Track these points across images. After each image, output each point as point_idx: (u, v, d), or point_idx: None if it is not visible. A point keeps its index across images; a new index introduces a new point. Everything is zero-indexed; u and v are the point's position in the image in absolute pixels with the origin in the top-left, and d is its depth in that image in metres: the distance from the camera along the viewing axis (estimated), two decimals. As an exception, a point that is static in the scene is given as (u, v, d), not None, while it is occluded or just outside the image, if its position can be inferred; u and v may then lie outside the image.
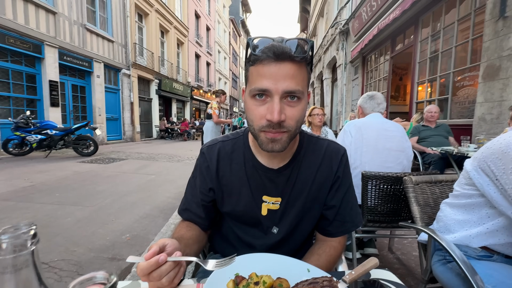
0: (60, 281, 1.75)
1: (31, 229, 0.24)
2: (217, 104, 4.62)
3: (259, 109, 0.63)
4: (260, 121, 0.63)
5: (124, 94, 12.07)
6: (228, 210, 0.79)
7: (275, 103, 0.59)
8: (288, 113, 0.62)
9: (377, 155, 1.82)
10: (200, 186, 0.79)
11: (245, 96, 0.68)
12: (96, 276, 0.17)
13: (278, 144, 0.64)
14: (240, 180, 0.76)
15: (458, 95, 4.99)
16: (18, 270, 0.22)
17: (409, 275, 1.90)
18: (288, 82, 0.59)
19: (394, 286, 0.61)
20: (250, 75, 0.64)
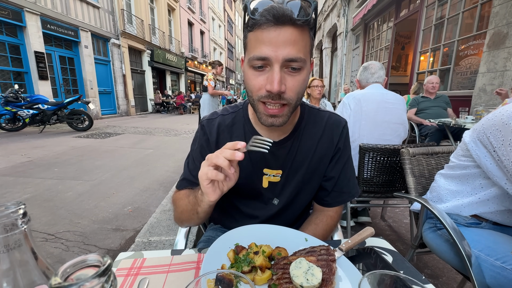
0: (67, 251, 1.83)
1: (19, 208, 0.23)
2: (213, 75, 4.47)
3: (258, 79, 0.60)
4: (259, 92, 0.61)
5: (115, 66, 11.58)
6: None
7: (275, 72, 0.56)
8: (288, 83, 0.59)
9: (376, 128, 1.81)
10: (200, 160, 0.77)
11: (244, 66, 0.64)
12: (87, 259, 0.16)
13: (278, 119, 0.63)
14: None
15: (461, 65, 4.86)
16: (11, 249, 0.22)
17: (399, 240, 2.02)
18: (289, 48, 0.55)
19: (387, 252, 0.64)
20: (248, 42, 0.60)
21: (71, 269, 0.16)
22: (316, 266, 0.48)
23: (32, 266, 0.24)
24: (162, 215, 2.06)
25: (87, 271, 0.16)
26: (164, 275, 0.55)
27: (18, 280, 0.23)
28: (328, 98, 12.34)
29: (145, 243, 1.67)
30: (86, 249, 1.86)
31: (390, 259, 0.61)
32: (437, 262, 1.73)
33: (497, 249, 0.84)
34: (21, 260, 0.23)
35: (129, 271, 0.56)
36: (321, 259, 0.51)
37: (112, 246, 1.90)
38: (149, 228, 1.86)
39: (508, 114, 0.83)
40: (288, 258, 0.53)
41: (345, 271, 0.52)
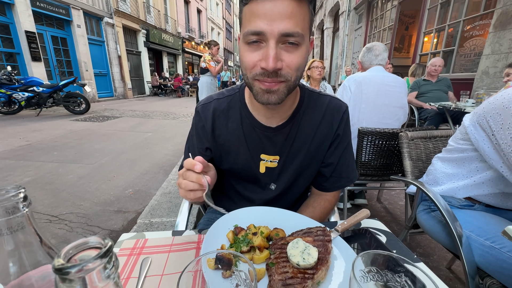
0: (71, 232, 1.89)
1: (19, 192, 0.23)
2: (210, 56, 4.34)
3: (252, 56, 0.56)
4: (253, 69, 0.57)
5: (110, 47, 11.22)
6: (227, 168, 0.79)
7: (270, 48, 0.53)
8: (286, 59, 0.55)
9: (375, 111, 1.80)
10: (197, 145, 0.78)
11: (239, 43, 0.61)
12: (89, 241, 0.17)
13: (274, 95, 0.59)
14: (237, 139, 0.75)
15: (465, 47, 4.74)
16: (15, 231, 0.22)
17: (393, 221, 2.08)
18: (286, 22, 0.51)
19: (381, 233, 0.66)
20: (243, 17, 0.56)
21: (73, 251, 0.16)
22: (312, 246, 0.50)
23: (36, 247, 0.24)
24: (162, 197, 2.10)
25: (89, 252, 0.16)
26: (166, 254, 0.57)
27: (23, 260, 0.23)
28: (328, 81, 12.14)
29: (147, 224, 1.71)
30: (90, 230, 1.91)
31: (384, 239, 0.63)
32: (429, 242, 1.79)
33: (487, 230, 0.87)
34: (25, 242, 0.24)
35: (131, 251, 0.58)
36: (317, 240, 0.53)
37: (115, 227, 1.96)
38: (150, 210, 1.90)
39: (510, 98, 0.82)
40: (285, 239, 0.55)
41: (341, 250, 0.54)
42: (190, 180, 0.55)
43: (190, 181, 0.55)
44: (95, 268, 0.15)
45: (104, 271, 0.16)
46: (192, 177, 0.55)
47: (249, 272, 0.35)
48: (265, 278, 0.48)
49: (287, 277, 0.45)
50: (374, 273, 0.34)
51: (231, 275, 0.41)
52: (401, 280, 0.33)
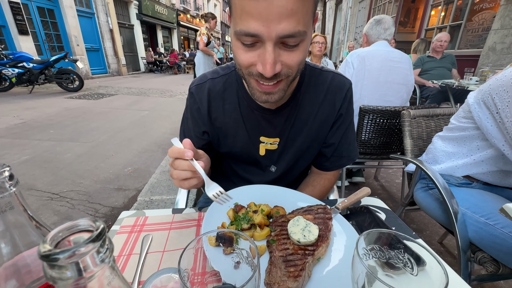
0: (73, 209, 1.92)
1: (3, 171, 0.21)
2: (206, 30, 4.12)
3: (247, 56, 0.49)
4: (249, 69, 0.52)
5: (101, 19, 10.64)
6: (226, 151, 0.77)
7: (267, 52, 0.46)
8: (286, 59, 0.49)
9: (378, 88, 1.75)
10: (193, 129, 0.74)
11: (230, 31, 0.52)
12: (78, 224, 0.15)
13: (274, 96, 0.55)
14: (235, 122, 0.71)
15: (473, 21, 4.54)
16: (3, 212, 0.21)
17: (389, 199, 2.13)
18: (286, 23, 0.43)
19: (381, 210, 0.66)
20: (233, 7, 0.47)
21: (62, 234, 0.15)
22: (313, 224, 0.50)
23: (29, 227, 0.23)
24: (161, 175, 2.11)
25: (80, 236, 0.15)
26: (167, 232, 0.57)
27: (16, 241, 0.23)
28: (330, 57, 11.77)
29: (147, 202, 1.74)
30: (92, 207, 1.95)
31: (383, 216, 0.64)
32: (423, 218, 1.85)
33: (483, 207, 0.88)
34: (15, 222, 0.22)
35: (132, 228, 0.58)
36: (318, 217, 0.53)
37: (116, 205, 1.99)
38: (150, 188, 1.92)
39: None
40: (286, 216, 0.55)
41: (341, 228, 0.54)
42: (182, 169, 0.50)
43: (181, 170, 0.50)
44: (88, 252, 0.14)
45: (97, 256, 0.14)
46: (183, 166, 0.50)
47: (251, 249, 0.34)
48: (265, 255, 0.48)
49: (287, 254, 0.45)
50: (377, 250, 0.34)
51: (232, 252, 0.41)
52: (403, 257, 0.33)
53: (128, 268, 0.47)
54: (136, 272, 0.46)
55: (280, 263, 0.44)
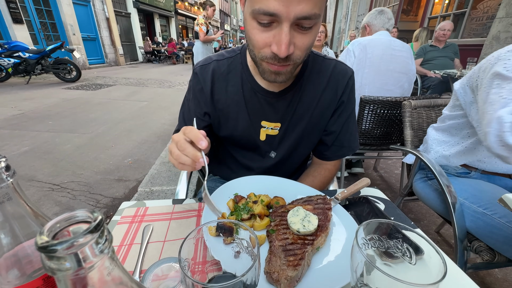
0: (74, 199, 1.93)
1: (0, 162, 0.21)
2: (203, 19, 4.01)
3: (262, 36, 0.51)
4: (263, 50, 0.53)
5: (97, 8, 10.38)
6: (226, 135, 0.76)
7: (283, 32, 0.47)
8: (298, 42, 0.50)
9: (379, 76, 1.74)
10: (195, 110, 0.73)
11: (245, 11, 0.53)
12: (76, 215, 0.15)
13: (281, 76, 0.57)
14: (237, 105, 0.71)
15: (478, 9, 4.43)
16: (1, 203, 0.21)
17: (388, 189, 2.15)
18: (304, 4, 0.45)
19: (380, 201, 0.67)
20: None
21: (61, 225, 0.15)
22: (312, 214, 0.50)
23: (28, 218, 0.23)
24: (161, 166, 2.12)
25: (78, 227, 0.15)
26: (167, 222, 0.57)
27: (15, 231, 0.23)
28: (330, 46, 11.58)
29: (148, 193, 1.75)
30: (93, 198, 1.96)
31: (383, 206, 0.64)
32: (420, 208, 1.87)
33: (482, 197, 0.89)
34: (14, 213, 0.22)
35: (133, 218, 0.58)
36: (317, 208, 0.54)
37: (117, 195, 2.00)
38: (150, 178, 1.93)
39: (497, 54, 0.80)
40: (285, 207, 0.55)
41: (340, 218, 0.55)
42: (185, 154, 0.47)
43: (184, 154, 0.48)
44: (87, 243, 0.14)
45: (96, 246, 0.14)
46: (189, 152, 0.47)
47: (251, 239, 0.35)
48: (265, 244, 0.49)
49: (287, 243, 0.45)
50: (376, 240, 0.35)
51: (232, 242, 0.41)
52: (402, 247, 0.34)
53: (129, 258, 0.48)
54: (137, 262, 0.46)
55: (279, 252, 0.44)
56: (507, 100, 0.73)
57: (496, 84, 0.77)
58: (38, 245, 0.12)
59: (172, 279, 0.40)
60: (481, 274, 1.34)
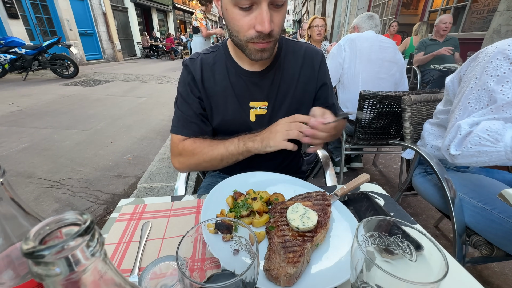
0: (74, 196, 1.93)
1: (-11, 161, 0.20)
2: (202, 13, 3.94)
3: (245, 20, 0.58)
4: (248, 32, 0.60)
5: (93, 2, 10.23)
6: (218, 122, 0.78)
7: (264, 11, 0.55)
8: (275, 19, 0.59)
9: (370, 65, 1.79)
10: (190, 96, 0.76)
11: (223, 3, 0.61)
12: (64, 217, 0.14)
13: (266, 53, 0.64)
14: (225, 90, 0.75)
15: (479, 2, 4.38)
16: (-9, 204, 0.20)
17: (387, 184, 2.15)
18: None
19: (380, 196, 0.66)
20: None
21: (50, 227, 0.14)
22: (312, 210, 0.50)
23: (20, 218, 0.23)
24: (161, 162, 2.11)
25: (68, 229, 0.14)
26: (166, 219, 0.57)
27: (7, 232, 0.22)
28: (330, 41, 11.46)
29: (147, 189, 1.75)
30: (92, 194, 1.96)
31: (382, 202, 0.64)
32: (419, 203, 1.88)
33: (481, 192, 0.89)
34: (5, 213, 0.22)
35: (131, 216, 0.58)
36: (317, 204, 0.53)
37: (116, 192, 2.00)
38: (149, 175, 1.93)
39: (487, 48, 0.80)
40: (285, 203, 0.55)
41: (340, 214, 0.55)
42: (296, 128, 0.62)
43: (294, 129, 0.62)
44: (78, 246, 0.13)
45: (87, 249, 0.14)
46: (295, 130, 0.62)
47: (249, 236, 0.34)
48: (264, 241, 0.49)
49: (286, 240, 0.45)
50: (376, 237, 0.34)
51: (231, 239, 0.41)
52: (402, 243, 0.33)
53: (128, 255, 0.47)
54: (136, 259, 0.46)
55: (279, 249, 0.44)
56: (472, 110, 0.77)
57: (470, 87, 0.79)
58: (23, 251, 0.12)
59: (170, 277, 0.40)
60: (479, 267, 1.35)
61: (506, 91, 0.71)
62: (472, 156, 0.74)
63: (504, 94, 0.71)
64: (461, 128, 0.76)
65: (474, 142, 0.72)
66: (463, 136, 0.75)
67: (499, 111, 0.72)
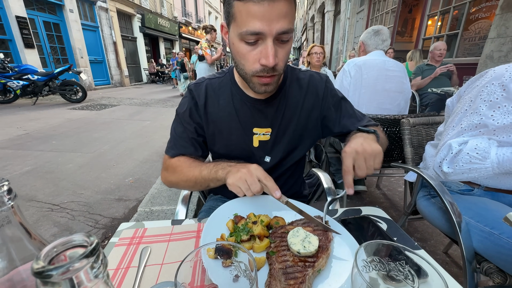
0: (73, 220, 1.90)
1: (3, 184, 0.21)
2: (207, 42, 4.19)
3: (251, 54, 0.60)
4: (253, 66, 0.61)
5: (105, 33, 10.90)
6: (221, 147, 0.80)
7: (269, 46, 0.57)
8: (280, 55, 0.60)
9: (375, 96, 1.77)
10: (189, 121, 0.78)
11: (230, 37, 0.63)
12: (73, 239, 0.15)
13: (270, 87, 0.66)
14: (229, 115, 0.77)
15: (470, 30, 4.60)
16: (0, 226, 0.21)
17: (392, 207, 2.10)
18: (282, 22, 0.55)
19: (382, 220, 0.65)
20: (237, 13, 0.56)
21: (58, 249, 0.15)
22: (313, 235, 0.49)
23: (26, 241, 0.23)
24: (162, 185, 2.10)
25: (74, 251, 0.15)
26: (165, 244, 0.56)
27: (12, 255, 0.23)
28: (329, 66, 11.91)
29: (147, 213, 1.73)
30: (92, 218, 1.93)
31: (385, 226, 0.63)
32: (427, 227, 1.82)
33: (487, 216, 0.87)
34: (12, 237, 0.22)
35: (131, 240, 0.57)
36: (317, 228, 0.53)
37: (116, 215, 1.97)
38: (150, 198, 1.91)
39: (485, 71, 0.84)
40: (285, 227, 0.54)
41: (342, 238, 0.54)
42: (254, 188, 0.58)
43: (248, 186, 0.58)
44: (82, 268, 0.14)
45: (91, 271, 0.14)
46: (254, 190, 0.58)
47: (249, 262, 0.34)
48: (265, 267, 0.47)
49: (287, 266, 0.44)
50: (377, 262, 0.34)
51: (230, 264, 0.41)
52: (404, 269, 0.33)
53: (125, 282, 0.46)
54: (134, 286, 0.45)
55: (280, 275, 0.43)
56: (462, 131, 0.80)
57: (465, 109, 0.81)
58: (34, 270, 0.13)
59: (168, 305, 0.39)
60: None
61: (497, 116, 0.73)
62: (464, 173, 0.77)
63: (494, 120, 0.73)
64: (452, 147, 0.78)
65: (465, 160, 0.74)
66: (454, 155, 0.78)
67: (490, 135, 0.74)
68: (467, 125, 0.79)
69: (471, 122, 0.78)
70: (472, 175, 0.75)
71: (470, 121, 0.79)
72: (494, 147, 0.70)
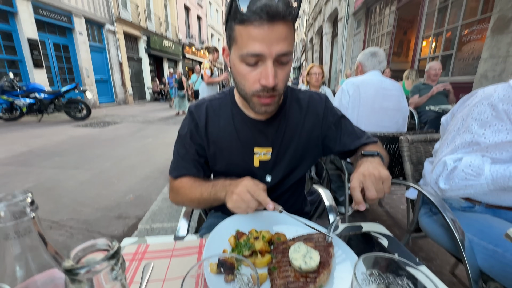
0: (72, 238, 1.88)
1: (27, 197, 0.23)
2: (209, 63, 4.36)
3: (251, 74, 0.62)
4: (253, 86, 0.63)
5: (111, 54, 11.34)
6: (221, 166, 0.81)
7: (268, 67, 0.59)
8: (279, 76, 0.62)
9: (374, 114, 1.81)
10: (190, 143, 0.79)
11: (232, 59, 0.65)
12: (97, 243, 0.17)
13: (270, 107, 0.68)
14: (229, 135, 0.78)
15: (463, 51, 4.77)
16: (22, 236, 0.23)
17: (395, 225, 2.07)
18: (281, 44, 0.57)
19: (383, 237, 0.66)
20: (238, 36, 0.59)
21: (82, 253, 0.17)
22: (314, 250, 0.50)
23: (42, 251, 0.25)
24: (163, 202, 2.10)
25: (97, 254, 0.17)
26: (168, 259, 0.57)
27: (29, 264, 0.24)
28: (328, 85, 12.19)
29: (148, 230, 1.71)
30: (90, 236, 1.91)
31: (386, 243, 0.63)
32: (432, 246, 1.78)
33: (490, 233, 0.86)
34: (31, 246, 0.24)
35: (133, 256, 0.58)
36: (319, 245, 0.53)
37: (115, 233, 1.95)
38: (151, 215, 1.90)
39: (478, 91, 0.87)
40: (287, 243, 0.55)
41: (343, 254, 0.54)
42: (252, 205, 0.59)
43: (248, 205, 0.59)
44: (103, 269, 0.16)
45: (111, 273, 0.16)
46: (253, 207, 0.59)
47: (252, 276, 0.35)
48: (267, 283, 0.48)
49: (289, 281, 0.45)
50: (376, 276, 0.34)
51: (233, 279, 0.41)
52: (403, 283, 0.33)
53: (128, 298, 0.46)
54: (136, 302, 0.45)
55: (281, 291, 0.43)
56: (456, 148, 0.82)
57: (458, 127, 0.84)
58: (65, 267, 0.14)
59: (171, 321, 0.39)
60: (506, 322, 1.21)
61: (488, 135, 0.76)
62: (460, 189, 0.78)
63: (485, 138, 0.76)
64: (447, 164, 0.79)
65: (460, 177, 0.76)
66: (449, 171, 0.79)
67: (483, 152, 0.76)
68: (460, 143, 0.82)
69: (464, 140, 0.81)
70: (468, 191, 0.77)
71: (463, 139, 0.81)
72: (488, 164, 0.72)
